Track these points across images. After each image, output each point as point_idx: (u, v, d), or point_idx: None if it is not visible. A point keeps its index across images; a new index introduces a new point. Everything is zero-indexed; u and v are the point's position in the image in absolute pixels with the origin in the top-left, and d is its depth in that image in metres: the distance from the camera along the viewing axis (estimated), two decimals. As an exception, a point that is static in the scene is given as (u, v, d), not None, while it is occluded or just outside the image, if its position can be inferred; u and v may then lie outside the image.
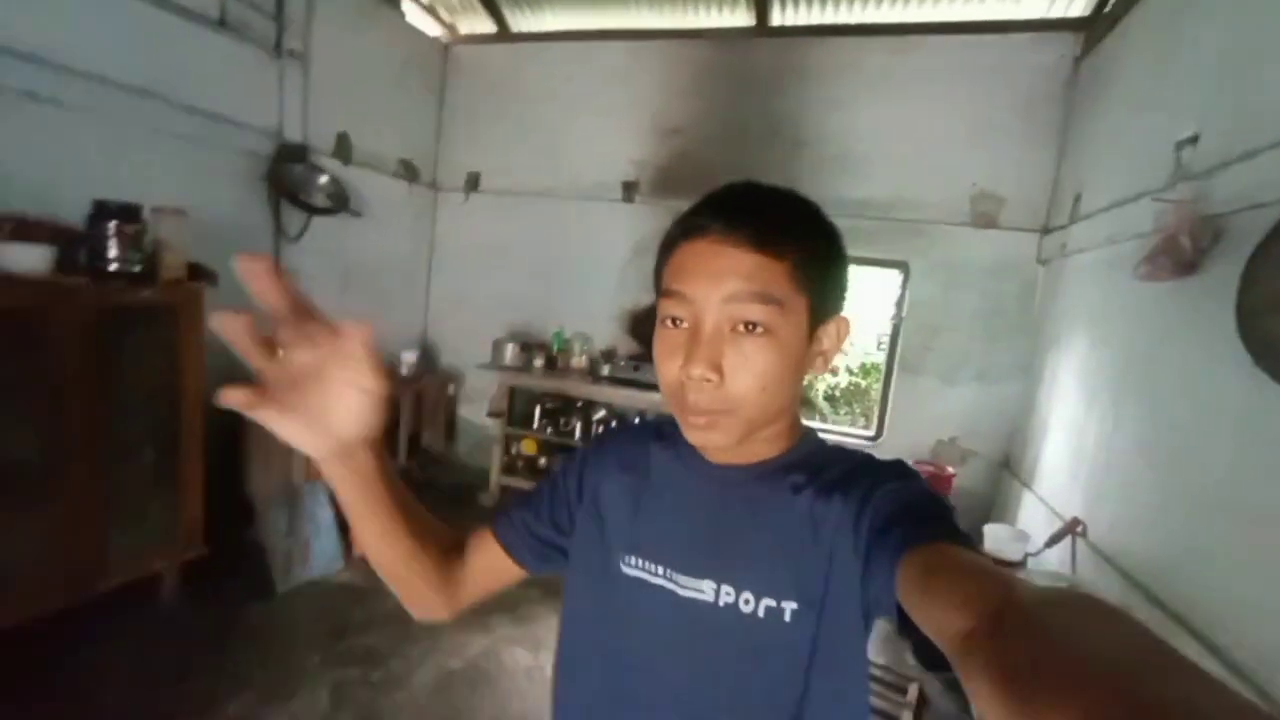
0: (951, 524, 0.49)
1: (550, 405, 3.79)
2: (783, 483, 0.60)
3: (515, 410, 3.81)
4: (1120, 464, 2.11)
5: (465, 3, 3.96)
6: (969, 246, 3.29)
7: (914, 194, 3.36)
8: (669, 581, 0.60)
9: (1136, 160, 2.27)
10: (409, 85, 3.94)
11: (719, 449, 0.61)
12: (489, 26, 4.05)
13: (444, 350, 4.37)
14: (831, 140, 3.49)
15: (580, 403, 3.72)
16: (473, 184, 4.22)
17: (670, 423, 0.65)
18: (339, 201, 3.28)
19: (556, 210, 4.01)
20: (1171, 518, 1.79)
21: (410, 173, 4.02)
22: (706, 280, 0.53)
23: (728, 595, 0.58)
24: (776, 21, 3.55)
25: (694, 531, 0.61)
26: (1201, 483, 1.69)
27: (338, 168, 3.38)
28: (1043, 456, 2.79)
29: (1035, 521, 2.62)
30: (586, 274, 3.95)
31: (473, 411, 4.22)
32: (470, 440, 4.27)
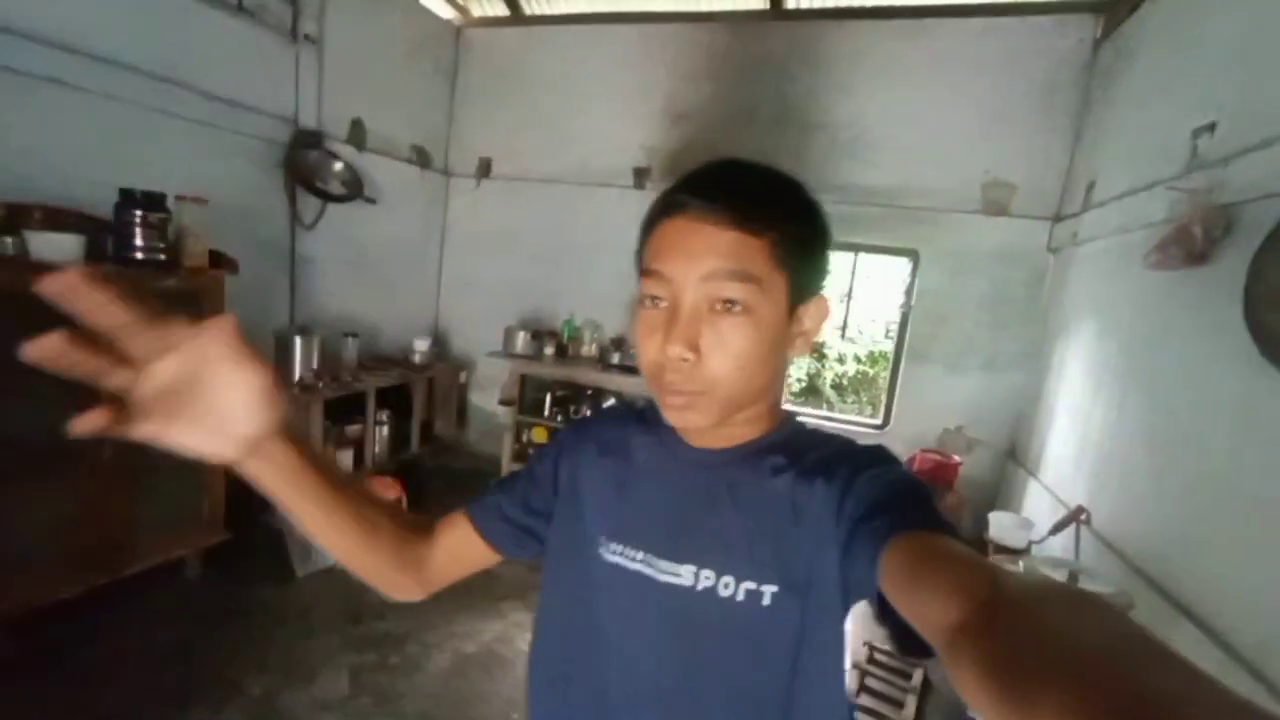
0: (935, 512, 0.50)
1: (561, 393, 3.83)
2: (763, 465, 0.59)
3: (526, 398, 3.85)
4: (1125, 452, 2.13)
5: (477, -15, 3.95)
6: (979, 234, 3.28)
7: (925, 181, 3.35)
8: (647, 566, 0.60)
9: (1152, 148, 2.26)
10: (421, 69, 3.94)
11: (698, 430, 0.61)
12: (501, 9, 4.04)
13: (455, 337, 4.41)
14: (842, 126, 3.48)
15: (590, 390, 3.76)
16: (484, 170, 4.23)
17: (652, 407, 0.65)
18: (354, 188, 3.31)
19: (567, 196, 4.02)
20: (1174, 506, 1.82)
21: (422, 158, 4.03)
22: (684, 258, 0.53)
23: (707, 579, 0.57)
24: (790, 4, 3.52)
25: (673, 515, 0.61)
26: (1204, 471, 1.71)
27: (351, 154, 3.40)
28: (1048, 445, 2.81)
29: (1040, 509, 2.65)
30: (597, 261, 3.96)
31: (484, 399, 4.27)
32: (481, 427, 4.32)
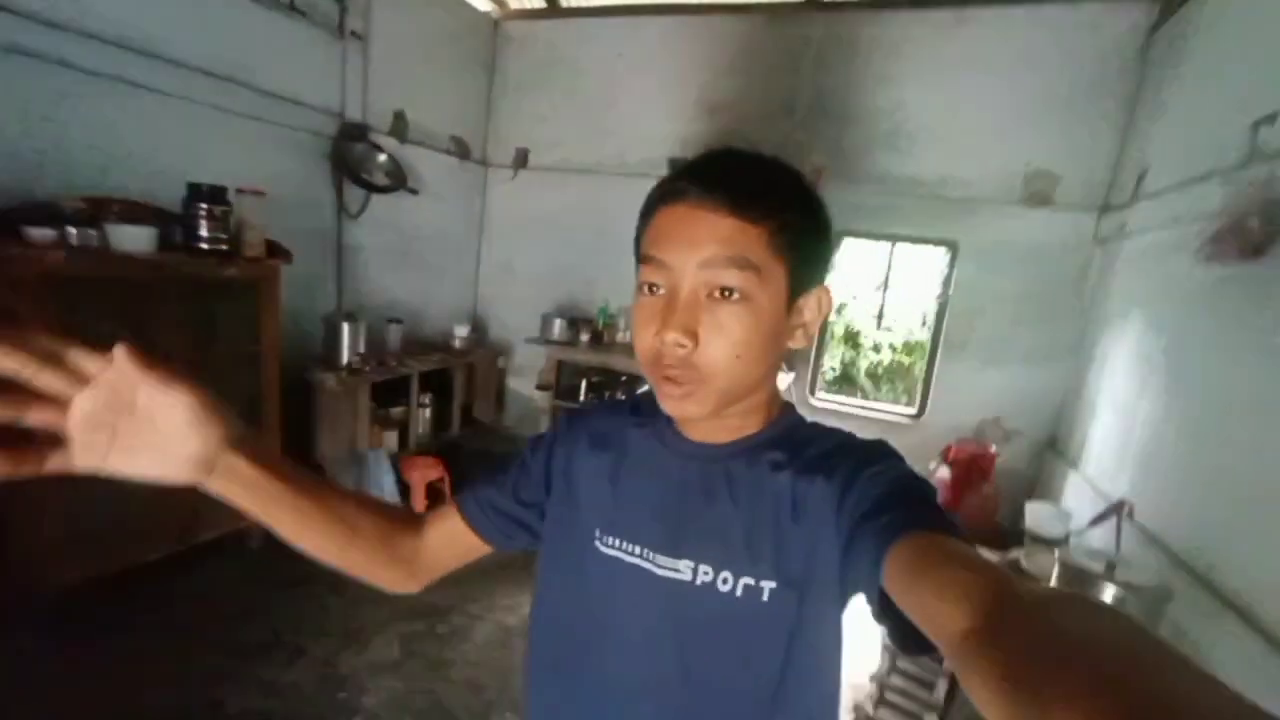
0: (940, 511, 0.50)
1: (596, 379, 3.90)
2: (762, 461, 0.59)
3: (562, 383, 3.94)
4: (1170, 447, 2.12)
5: (515, -22, 4.00)
6: (1020, 226, 3.24)
7: (965, 171, 3.31)
8: (646, 560, 0.59)
9: (1208, 137, 2.19)
10: (461, 62, 4.02)
11: (694, 420, 0.60)
12: (539, 1, 4.08)
13: (493, 323, 4.51)
14: (880, 117, 3.45)
15: (624, 377, 3.83)
16: (521, 160, 4.30)
17: (647, 400, 0.65)
18: (397, 179, 3.41)
19: (603, 186, 4.06)
20: (1221, 501, 1.81)
21: (461, 149, 4.11)
22: (683, 246, 0.53)
23: (705, 574, 0.57)
24: (830, -7, 3.49)
25: (672, 510, 0.60)
26: (1252, 469, 1.69)
27: (394, 145, 3.49)
28: (1090, 438, 2.78)
29: (1080, 501, 2.64)
30: (632, 250, 3.99)
31: (521, 384, 4.38)
32: (519, 411, 4.43)
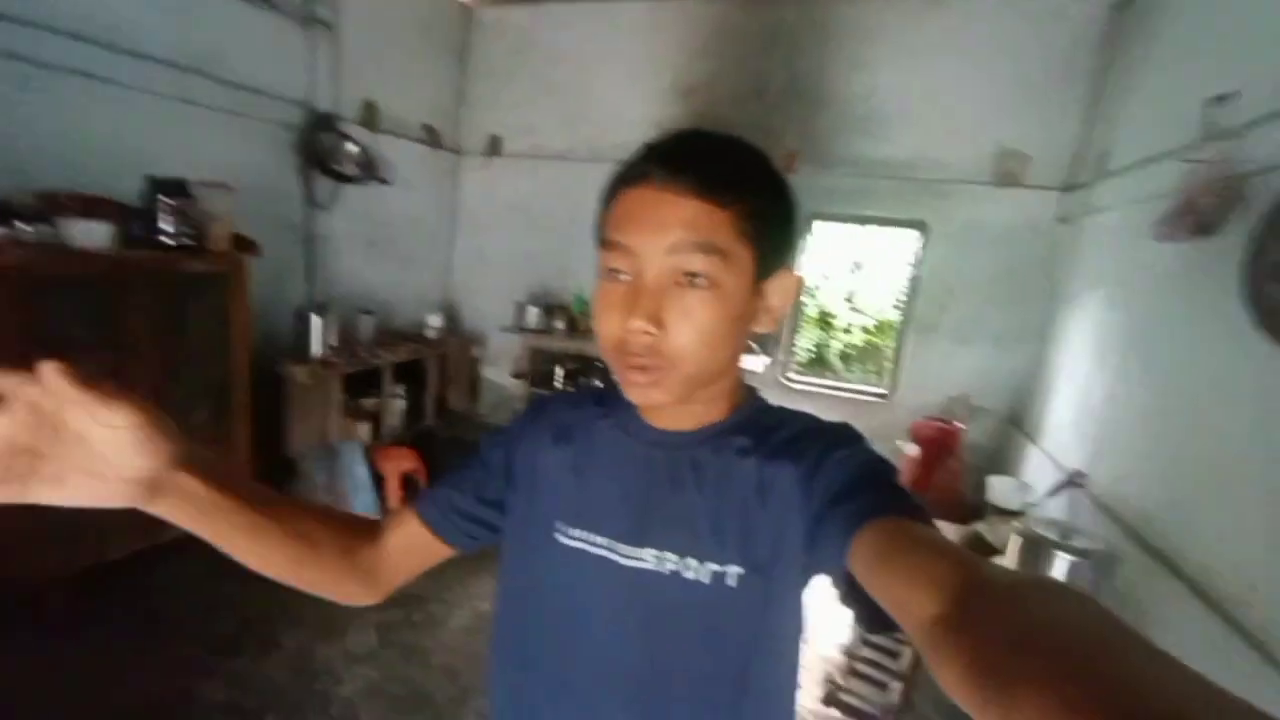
0: (907, 495, 0.50)
1: (571, 366, 3.93)
2: (728, 447, 0.59)
3: (537, 371, 3.95)
4: (1124, 420, 2.20)
5: (484, -38, 3.93)
6: (990, 206, 3.30)
7: (936, 152, 3.35)
8: (610, 551, 0.59)
9: (1168, 116, 2.24)
10: (432, 49, 3.96)
11: (659, 408, 0.60)
12: (510, -14, 4.02)
13: (467, 312, 4.49)
14: (854, 100, 3.47)
15: (600, 363, 3.84)
16: (494, 147, 4.26)
17: (610, 389, 0.64)
18: (367, 169, 3.36)
19: (577, 173, 4.04)
20: (1168, 470, 1.89)
21: (433, 137, 4.07)
22: (648, 230, 0.51)
23: (671, 563, 0.56)
24: (800, -25, 3.48)
25: (636, 499, 0.60)
26: (1198, 438, 1.77)
27: (364, 135, 3.45)
28: (1050, 412, 2.87)
29: (1040, 474, 2.73)
30: (606, 237, 4.00)
31: (496, 372, 4.37)
32: (494, 399, 4.43)
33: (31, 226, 1.80)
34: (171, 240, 2.14)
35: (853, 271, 4.09)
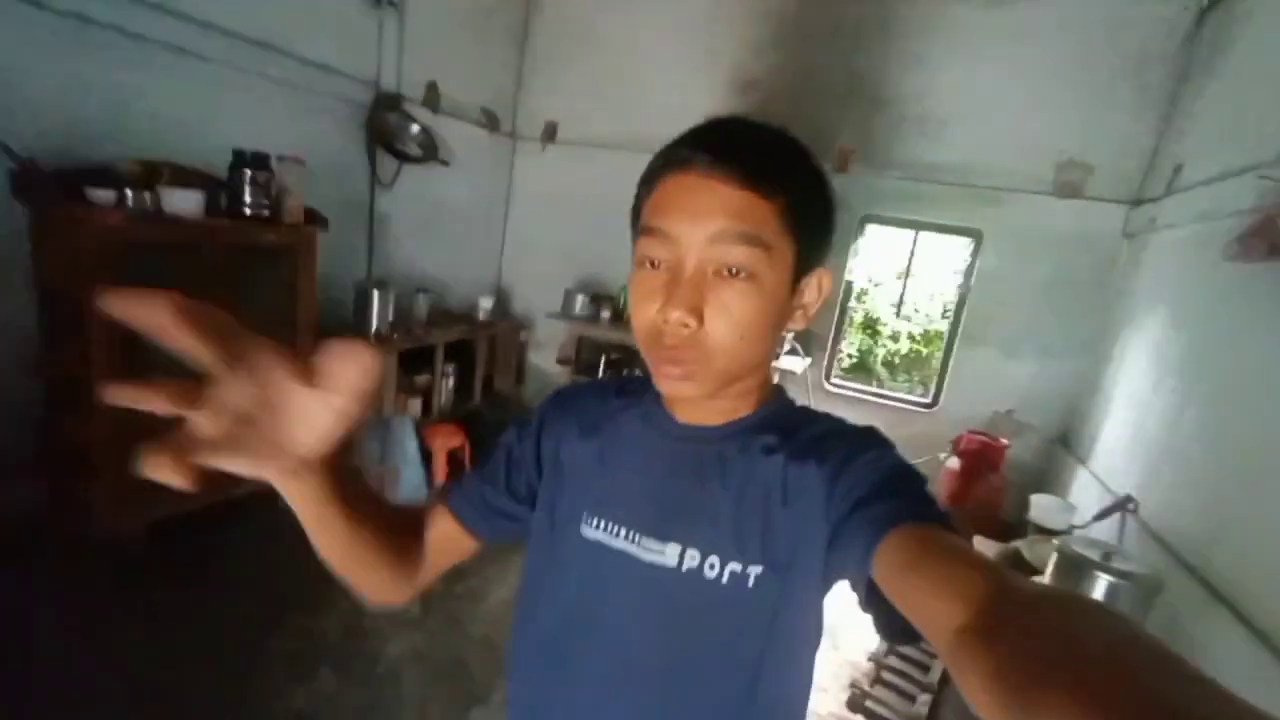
0: (933, 503, 0.49)
1: (615, 356, 3.98)
2: (754, 444, 0.58)
3: (582, 358, 4.02)
4: (1181, 447, 2.13)
5: (550, -51, 3.98)
6: (1048, 217, 3.22)
7: (994, 159, 3.29)
8: (632, 545, 0.58)
9: (1249, 130, 2.16)
10: (493, 33, 4.03)
11: (690, 401, 0.59)
12: (572, -26, 4.06)
13: (516, 297, 4.58)
14: (911, 100, 3.42)
15: (643, 354, 3.89)
16: (550, 134, 4.32)
17: (634, 380, 0.64)
18: (429, 150, 3.46)
19: (629, 163, 3.94)
20: (1224, 502, 1.83)
21: (491, 121, 4.15)
22: (690, 218, 0.50)
23: (692, 559, 0.56)
24: (867, -27, 3.44)
25: (660, 493, 0.59)
26: (1261, 471, 1.72)
27: (427, 116, 3.54)
28: (1101, 434, 2.80)
29: (1086, 496, 2.67)
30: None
31: (542, 357, 4.46)
32: (538, 384, 4.51)
33: (133, 192, 1.92)
34: (250, 211, 2.26)
35: (902, 278, 4.02)
